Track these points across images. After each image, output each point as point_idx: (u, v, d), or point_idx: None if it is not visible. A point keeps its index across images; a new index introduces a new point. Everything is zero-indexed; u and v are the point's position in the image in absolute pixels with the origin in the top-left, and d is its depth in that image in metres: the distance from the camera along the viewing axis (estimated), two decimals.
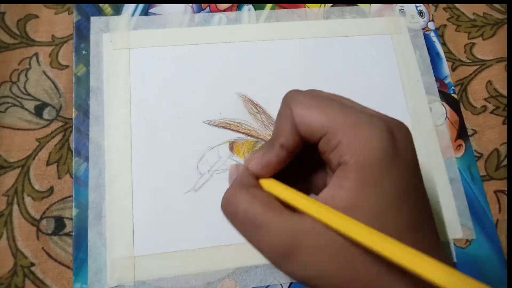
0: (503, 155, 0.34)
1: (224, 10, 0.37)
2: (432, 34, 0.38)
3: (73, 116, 0.32)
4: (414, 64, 0.36)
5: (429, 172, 0.33)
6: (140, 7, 0.35)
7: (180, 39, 0.35)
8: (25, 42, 0.34)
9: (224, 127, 0.32)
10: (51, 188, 0.30)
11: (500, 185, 0.34)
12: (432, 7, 0.39)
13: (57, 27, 0.35)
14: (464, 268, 0.30)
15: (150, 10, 0.36)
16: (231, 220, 0.21)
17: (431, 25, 0.38)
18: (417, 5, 0.39)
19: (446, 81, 0.36)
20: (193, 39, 0.35)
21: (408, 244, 0.15)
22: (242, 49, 0.35)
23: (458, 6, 0.40)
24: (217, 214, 0.30)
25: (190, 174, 0.31)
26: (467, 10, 0.40)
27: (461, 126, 0.35)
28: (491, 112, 0.36)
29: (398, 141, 0.18)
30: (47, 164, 0.31)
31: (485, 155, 0.34)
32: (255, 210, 0.19)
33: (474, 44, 0.38)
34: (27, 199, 0.30)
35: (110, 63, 0.33)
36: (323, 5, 0.38)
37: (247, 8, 0.37)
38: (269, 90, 0.34)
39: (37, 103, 0.32)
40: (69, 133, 0.32)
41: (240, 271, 0.29)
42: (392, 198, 0.17)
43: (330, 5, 0.38)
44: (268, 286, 0.29)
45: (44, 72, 0.33)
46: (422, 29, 0.38)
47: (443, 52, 0.37)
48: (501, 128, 0.35)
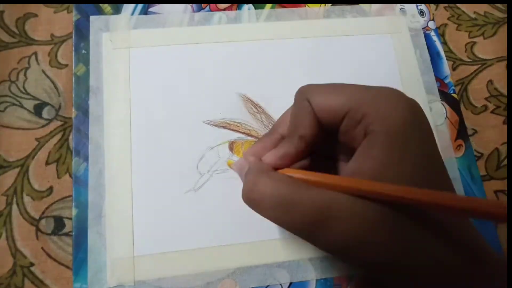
0: (504, 155, 0.34)
1: (224, 9, 0.36)
2: (433, 34, 0.38)
3: (73, 116, 0.32)
4: (414, 64, 0.36)
5: None
6: (140, 7, 0.35)
7: (180, 39, 0.35)
8: (24, 41, 0.34)
9: (224, 127, 0.32)
10: (51, 188, 0.30)
11: (500, 185, 0.33)
12: (433, 6, 0.39)
13: (56, 26, 0.35)
14: None
15: (150, 9, 0.35)
16: (258, 208, 0.20)
17: (432, 25, 0.38)
18: (418, 5, 0.38)
19: (446, 81, 0.36)
20: (193, 39, 0.35)
21: None
22: (242, 49, 0.35)
23: (459, 5, 0.40)
24: (217, 214, 0.30)
25: (190, 174, 0.31)
26: (468, 9, 0.40)
27: (461, 126, 0.35)
28: (492, 112, 0.36)
29: (418, 113, 0.19)
30: (47, 164, 0.31)
31: (485, 155, 0.34)
32: (283, 191, 0.19)
33: (475, 43, 0.38)
34: (27, 199, 0.30)
35: (110, 63, 0.33)
36: (324, 4, 0.38)
37: (247, 7, 0.37)
38: (269, 90, 0.34)
39: (36, 103, 0.32)
40: (69, 133, 0.32)
41: (240, 271, 0.29)
42: (419, 163, 0.18)
43: (331, 4, 0.38)
44: (268, 286, 0.29)
45: (43, 71, 0.33)
46: (423, 29, 0.38)
47: (444, 52, 0.37)
48: (502, 128, 0.35)
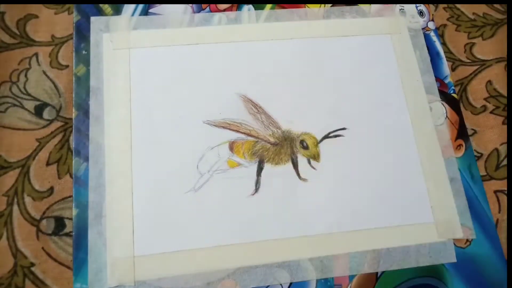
0: (503, 155, 0.34)
1: (224, 10, 0.37)
2: (432, 34, 0.38)
3: (73, 116, 0.32)
4: (414, 64, 0.36)
5: (430, 172, 0.33)
6: (140, 7, 0.35)
7: (180, 39, 0.35)
8: (25, 42, 0.34)
9: (224, 127, 0.32)
10: (51, 188, 0.30)
11: (500, 185, 0.34)
12: (432, 7, 0.39)
13: (57, 27, 0.35)
14: (464, 268, 0.30)
15: (150, 10, 0.36)
16: None
17: (431, 25, 0.38)
18: (417, 5, 0.39)
19: (446, 81, 0.36)
20: (193, 39, 0.35)
21: None
22: (242, 49, 0.35)
23: (458, 6, 0.40)
24: (217, 214, 0.30)
25: (190, 174, 0.31)
26: (467, 10, 0.40)
27: (461, 126, 0.35)
28: (491, 112, 0.36)
29: None
30: (47, 164, 0.31)
31: (485, 155, 0.34)
32: None
33: (474, 44, 0.38)
34: (27, 199, 0.30)
35: (110, 63, 0.33)
36: (323, 5, 0.38)
37: (247, 8, 0.37)
38: (269, 90, 0.34)
39: (37, 103, 0.32)
40: (69, 133, 0.32)
41: (240, 271, 0.29)
42: None
43: (330, 5, 0.38)
44: (268, 286, 0.29)
45: (44, 72, 0.33)
46: (422, 29, 0.38)
47: (443, 52, 0.37)
48: (501, 128, 0.35)
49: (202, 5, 0.36)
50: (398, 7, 0.38)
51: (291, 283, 0.29)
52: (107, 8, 0.35)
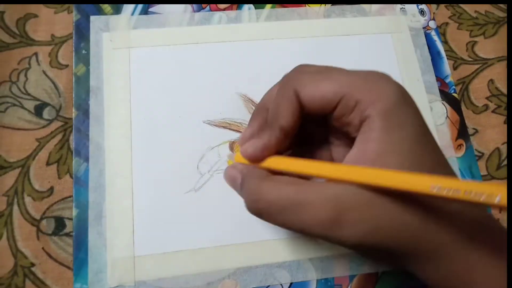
0: (504, 155, 0.34)
1: (224, 9, 0.36)
2: (433, 33, 0.38)
3: (73, 116, 0.32)
4: (415, 63, 0.36)
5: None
6: (140, 7, 0.35)
7: (180, 38, 0.35)
8: (25, 42, 0.34)
9: (224, 127, 0.32)
10: (51, 188, 0.30)
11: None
12: (434, 6, 0.39)
13: (57, 27, 0.35)
14: None
15: (150, 9, 0.36)
16: (267, 216, 0.19)
17: (432, 24, 0.38)
18: (418, 4, 0.38)
19: (447, 81, 0.36)
20: (193, 38, 0.35)
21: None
22: (242, 48, 0.35)
23: (460, 4, 0.40)
24: (217, 214, 0.30)
25: (190, 174, 0.31)
26: (469, 8, 0.39)
27: (462, 126, 0.35)
28: (493, 111, 0.36)
29: (405, 92, 0.20)
30: (47, 164, 0.31)
31: (486, 155, 0.34)
32: (289, 192, 0.18)
33: (476, 43, 0.38)
34: (27, 199, 0.30)
35: (110, 63, 0.33)
36: (324, 4, 0.37)
37: (247, 7, 0.37)
38: None
39: (37, 103, 0.32)
40: (69, 133, 0.32)
41: (240, 271, 0.29)
42: (415, 137, 0.18)
43: (331, 4, 0.38)
44: (268, 286, 0.29)
45: (44, 72, 0.33)
46: (423, 28, 0.37)
47: (445, 51, 0.37)
48: (503, 127, 0.35)
49: (202, 4, 0.36)
50: (399, 6, 0.38)
51: (292, 283, 0.29)
52: (107, 8, 0.35)
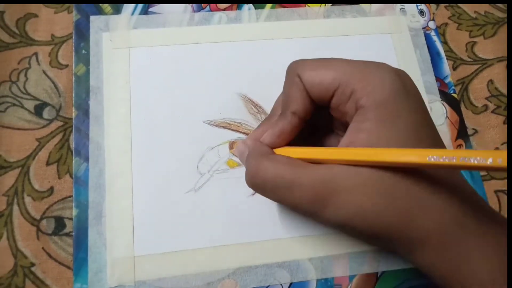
0: None
1: (224, 9, 0.36)
2: (433, 33, 0.38)
3: (73, 116, 0.32)
4: (415, 64, 0.36)
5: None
6: (140, 6, 0.35)
7: (180, 38, 0.35)
8: (25, 42, 0.34)
9: (224, 127, 0.32)
10: (51, 188, 0.30)
11: (500, 185, 0.33)
12: (433, 6, 0.39)
13: (57, 27, 0.35)
14: None
15: (150, 9, 0.36)
16: (262, 191, 0.21)
17: (432, 24, 0.38)
18: (418, 4, 0.38)
19: (446, 81, 0.36)
20: (193, 38, 0.35)
21: None
22: (242, 49, 0.35)
23: (460, 5, 0.40)
24: (217, 214, 0.30)
25: (190, 174, 0.31)
26: (469, 9, 0.40)
27: (461, 126, 0.35)
28: (492, 112, 0.36)
29: (406, 82, 0.20)
30: (47, 164, 0.31)
31: None
32: (284, 172, 0.19)
33: (476, 43, 0.38)
34: (27, 199, 0.30)
35: (110, 63, 0.33)
36: (324, 4, 0.38)
37: (247, 7, 0.37)
38: (270, 90, 0.34)
39: (37, 103, 0.32)
40: (69, 133, 0.32)
41: (240, 271, 0.29)
42: (411, 129, 0.18)
43: (331, 4, 0.38)
44: (268, 286, 0.29)
45: (44, 72, 0.33)
46: (423, 28, 0.38)
47: (444, 51, 0.37)
48: (502, 128, 0.35)
49: (202, 4, 0.36)
50: (399, 7, 0.38)
51: (291, 283, 0.29)
52: (107, 8, 0.35)
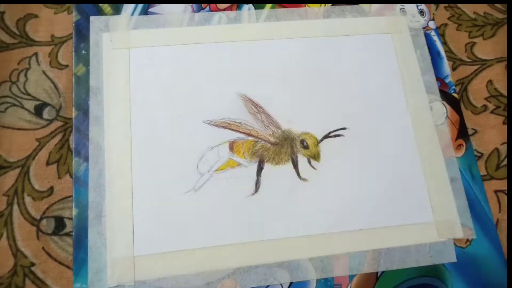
0: (503, 155, 0.34)
1: (224, 10, 0.36)
2: (433, 33, 0.38)
3: (73, 116, 0.32)
4: (415, 63, 0.36)
5: (430, 172, 0.33)
6: (140, 7, 0.35)
7: (180, 39, 0.35)
8: (25, 42, 0.34)
9: (224, 127, 0.32)
10: (51, 188, 0.30)
11: (500, 185, 0.33)
12: (433, 6, 0.39)
13: (57, 27, 0.35)
14: (464, 268, 0.30)
15: (150, 10, 0.36)
16: None
17: (432, 24, 0.38)
18: (418, 4, 0.38)
19: (447, 81, 0.36)
20: (193, 39, 0.35)
21: None
22: (242, 49, 0.35)
23: (459, 5, 0.40)
24: (217, 214, 0.30)
25: (190, 174, 0.31)
26: (468, 9, 0.40)
27: (462, 126, 0.35)
28: (492, 112, 0.36)
29: None
30: (47, 164, 0.31)
31: (486, 155, 0.34)
32: None
33: (475, 44, 0.38)
34: (27, 199, 0.30)
35: (110, 63, 0.33)
36: (324, 4, 0.38)
37: (247, 8, 0.37)
38: (269, 90, 0.34)
39: (37, 103, 0.32)
40: (69, 133, 0.32)
41: (240, 271, 0.29)
42: None
43: (331, 4, 0.38)
44: (268, 286, 0.29)
45: (44, 72, 0.33)
46: (423, 28, 0.38)
47: (444, 51, 0.37)
48: (502, 128, 0.35)
49: (202, 5, 0.36)
50: (399, 7, 0.38)
51: (291, 283, 0.29)
52: (107, 8, 0.35)
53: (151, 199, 0.30)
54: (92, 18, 0.34)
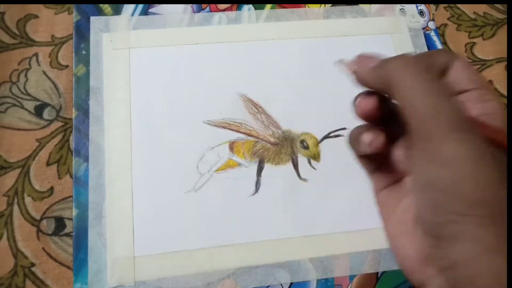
0: None
1: (224, 10, 0.36)
2: (433, 34, 0.38)
3: (73, 116, 0.32)
4: None
5: None
6: (140, 7, 0.35)
7: (180, 39, 0.35)
8: (25, 42, 0.34)
9: (224, 127, 0.32)
10: (51, 188, 0.30)
11: None
12: (433, 7, 0.39)
13: (57, 27, 0.35)
14: None
15: (150, 10, 0.36)
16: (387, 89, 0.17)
17: (432, 25, 0.38)
18: (418, 5, 0.38)
19: None
20: (193, 39, 0.35)
21: None
22: (242, 49, 0.35)
23: (459, 5, 0.40)
24: (217, 214, 0.30)
25: (190, 174, 0.31)
26: (468, 10, 0.40)
27: None
28: None
29: None
30: (47, 165, 0.31)
31: None
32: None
33: (475, 44, 0.38)
34: (28, 200, 0.30)
35: (110, 63, 0.33)
36: (324, 5, 0.38)
37: (247, 8, 0.37)
38: (269, 90, 0.34)
39: (37, 103, 0.32)
40: (69, 133, 0.32)
41: (240, 272, 0.29)
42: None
43: (330, 5, 0.38)
44: (268, 287, 0.29)
45: (44, 72, 0.33)
46: (423, 29, 0.38)
47: None
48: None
49: (202, 5, 0.36)
50: (399, 7, 0.38)
51: (292, 283, 0.29)
52: (107, 8, 0.35)
53: (151, 200, 0.30)
54: (92, 19, 0.35)
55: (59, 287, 0.28)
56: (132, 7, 0.35)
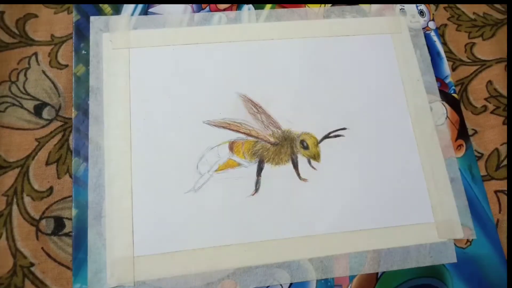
0: (503, 155, 0.34)
1: (224, 10, 0.36)
2: (433, 34, 0.38)
3: (73, 116, 0.32)
4: (415, 64, 0.36)
5: (430, 172, 0.32)
6: (140, 7, 0.35)
7: (180, 39, 0.35)
8: (24, 42, 0.34)
9: (224, 127, 0.32)
10: (51, 188, 0.30)
11: (501, 185, 0.33)
12: (433, 7, 0.39)
13: (57, 27, 0.35)
14: (465, 269, 0.30)
15: (150, 10, 0.36)
16: None
17: (432, 25, 0.38)
18: (418, 5, 0.39)
19: (447, 81, 0.36)
20: (193, 39, 0.35)
21: None
22: (242, 49, 0.35)
23: (459, 6, 0.40)
24: (217, 214, 0.30)
25: (190, 174, 0.31)
26: (468, 10, 0.40)
27: (462, 126, 0.35)
28: (492, 112, 0.36)
29: None
30: (47, 164, 0.31)
31: (486, 155, 0.34)
32: None
33: (475, 44, 0.38)
34: (27, 199, 0.30)
35: (110, 63, 0.33)
36: (324, 5, 0.38)
37: (247, 8, 0.37)
38: (269, 90, 0.34)
39: (37, 103, 0.32)
40: (69, 133, 0.32)
41: (240, 272, 0.29)
42: None
43: (331, 5, 0.38)
44: (268, 287, 0.29)
45: (44, 72, 0.33)
46: (423, 29, 0.38)
47: (444, 52, 0.37)
48: (502, 128, 0.35)
49: (202, 5, 0.36)
50: (399, 7, 0.38)
51: (291, 284, 0.29)
52: (107, 8, 0.35)
53: (151, 200, 0.30)
54: (92, 18, 0.34)
55: (58, 287, 0.28)
56: (132, 7, 0.35)
